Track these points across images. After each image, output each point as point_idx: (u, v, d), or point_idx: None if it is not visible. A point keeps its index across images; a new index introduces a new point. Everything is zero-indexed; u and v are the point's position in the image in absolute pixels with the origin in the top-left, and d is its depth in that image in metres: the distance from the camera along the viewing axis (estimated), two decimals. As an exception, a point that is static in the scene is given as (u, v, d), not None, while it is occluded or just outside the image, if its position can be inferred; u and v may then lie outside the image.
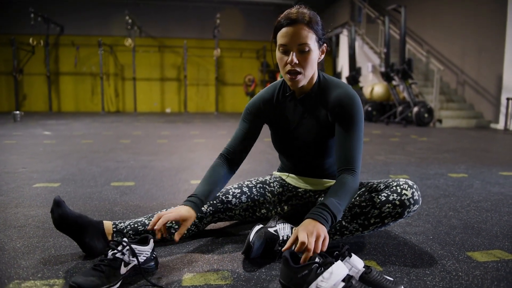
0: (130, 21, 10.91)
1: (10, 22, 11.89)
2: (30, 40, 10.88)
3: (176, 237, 1.20)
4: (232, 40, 12.94)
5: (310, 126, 1.41)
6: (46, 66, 11.72)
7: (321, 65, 1.41)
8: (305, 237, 1.03)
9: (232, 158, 1.43)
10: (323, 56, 1.37)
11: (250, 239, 1.23)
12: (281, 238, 1.29)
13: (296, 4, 1.33)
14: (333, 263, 0.98)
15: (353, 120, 1.31)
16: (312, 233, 1.05)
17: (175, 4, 12.53)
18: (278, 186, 1.56)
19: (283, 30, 1.26)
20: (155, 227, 1.18)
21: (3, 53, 11.95)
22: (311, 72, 1.32)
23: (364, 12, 10.43)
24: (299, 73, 1.28)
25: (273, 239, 1.27)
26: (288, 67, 1.28)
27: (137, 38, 12.10)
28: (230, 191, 1.48)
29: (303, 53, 1.26)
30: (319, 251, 1.03)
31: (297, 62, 1.27)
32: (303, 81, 1.32)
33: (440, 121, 7.58)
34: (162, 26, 12.71)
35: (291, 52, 1.26)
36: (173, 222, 1.35)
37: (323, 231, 1.07)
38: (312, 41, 1.27)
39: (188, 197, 1.29)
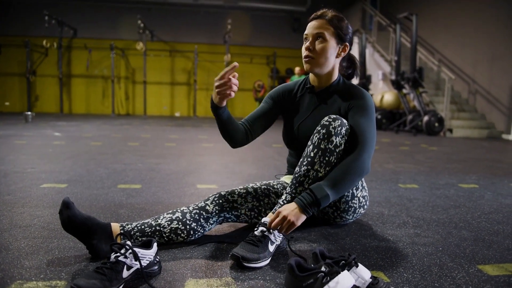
0: (142, 25, 11.02)
1: (25, 24, 12.11)
2: (44, 42, 11.08)
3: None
4: (242, 46, 12.99)
5: (320, 117, 1.52)
6: (58, 68, 11.89)
7: (355, 68, 1.64)
8: (278, 216, 1.26)
9: (248, 129, 1.60)
10: (343, 54, 1.52)
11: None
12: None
13: (308, 10, 1.40)
14: (339, 272, 0.95)
15: (366, 108, 1.46)
16: (282, 215, 1.26)
17: (186, 9, 12.65)
18: (281, 188, 1.59)
19: (308, 24, 1.50)
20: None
21: (17, 55, 12.15)
22: (324, 61, 1.48)
23: (375, 19, 10.41)
24: (312, 58, 1.47)
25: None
26: (304, 53, 1.49)
27: (148, 42, 12.23)
28: (236, 190, 1.49)
29: (317, 41, 1.46)
30: (280, 231, 1.26)
31: (311, 48, 1.46)
32: (315, 67, 1.49)
33: (450, 130, 7.49)
34: (173, 30, 12.83)
35: (309, 40, 1.47)
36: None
37: (295, 216, 1.25)
38: (328, 34, 1.45)
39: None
